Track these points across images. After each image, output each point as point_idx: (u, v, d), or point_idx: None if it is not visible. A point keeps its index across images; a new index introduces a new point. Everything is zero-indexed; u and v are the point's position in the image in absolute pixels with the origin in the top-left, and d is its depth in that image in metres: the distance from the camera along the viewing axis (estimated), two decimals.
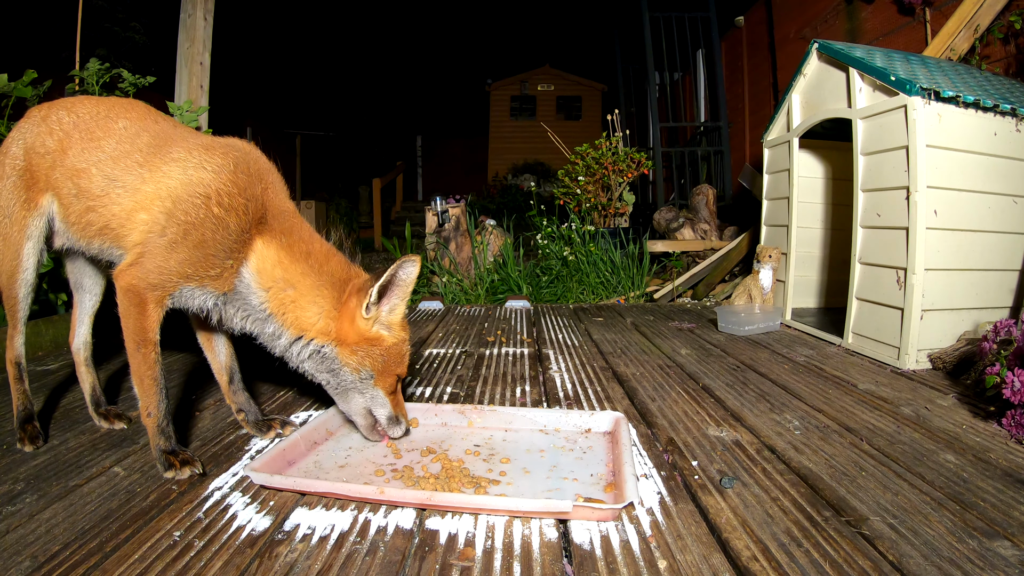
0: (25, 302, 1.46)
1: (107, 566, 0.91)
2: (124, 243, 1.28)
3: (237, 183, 1.24)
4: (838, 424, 1.56)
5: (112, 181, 1.29)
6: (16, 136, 1.45)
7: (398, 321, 1.34)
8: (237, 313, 1.32)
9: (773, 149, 3.24)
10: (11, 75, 2.54)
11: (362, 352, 1.30)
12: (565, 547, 0.97)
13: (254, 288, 1.27)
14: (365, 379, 1.32)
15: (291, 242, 1.29)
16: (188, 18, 3.64)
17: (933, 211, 2.11)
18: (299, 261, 1.28)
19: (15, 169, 1.42)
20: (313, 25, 14.53)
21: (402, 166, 13.91)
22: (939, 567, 0.91)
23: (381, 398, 1.35)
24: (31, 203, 1.41)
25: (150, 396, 1.25)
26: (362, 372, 1.31)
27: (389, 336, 1.32)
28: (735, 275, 4.39)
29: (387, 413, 1.37)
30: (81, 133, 1.37)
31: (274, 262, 1.27)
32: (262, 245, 1.27)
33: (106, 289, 1.65)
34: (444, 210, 5.10)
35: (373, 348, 1.30)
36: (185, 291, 1.25)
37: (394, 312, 1.32)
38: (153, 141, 1.33)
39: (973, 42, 3.13)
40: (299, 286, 1.27)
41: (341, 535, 1.01)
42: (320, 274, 1.29)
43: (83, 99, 1.47)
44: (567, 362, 2.31)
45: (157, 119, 1.44)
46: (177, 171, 1.24)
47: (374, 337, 1.30)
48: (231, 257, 1.24)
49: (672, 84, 8.76)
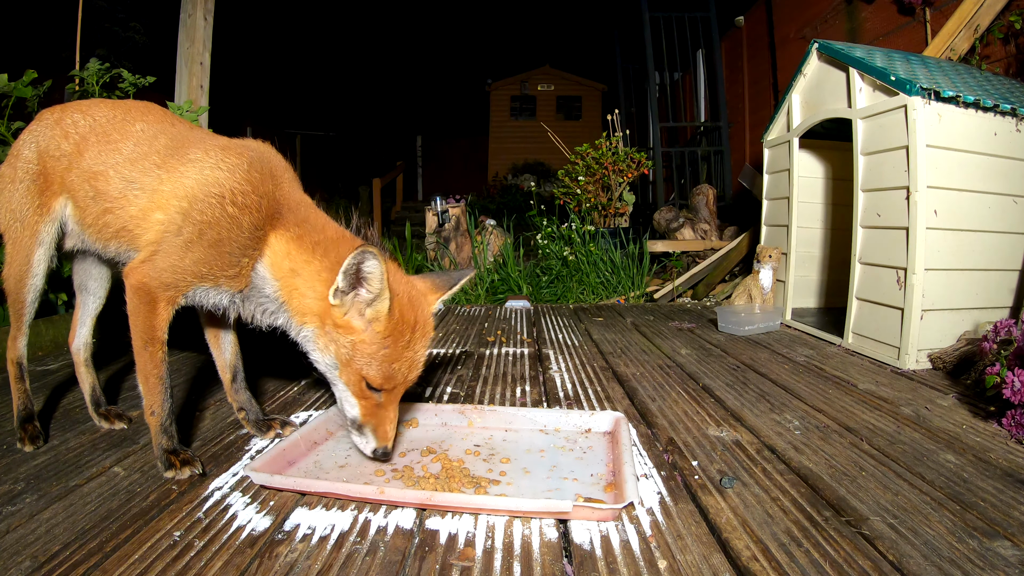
0: (32, 306, 1.46)
1: (107, 566, 0.91)
2: (139, 243, 1.27)
3: (251, 181, 1.24)
4: (838, 424, 1.56)
5: (130, 183, 1.29)
6: (28, 139, 1.44)
7: (383, 318, 1.19)
8: (256, 308, 1.31)
9: (773, 149, 3.24)
10: (11, 75, 2.54)
11: (330, 336, 1.22)
12: (565, 547, 0.97)
13: (269, 280, 1.26)
14: (329, 366, 1.25)
15: (302, 232, 1.26)
16: (188, 18, 3.64)
17: (933, 211, 2.11)
18: (306, 250, 1.25)
19: (28, 173, 1.42)
20: (313, 25, 14.53)
21: (402, 166, 13.91)
22: (939, 567, 0.91)
23: (348, 396, 1.25)
24: (44, 208, 1.41)
25: (155, 395, 1.25)
26: (326, 357, 1.24)
27: (363, 331, 1.20)
28: (735, 275, 4.39)
29: (353, 416, 1.25)
30: (98, 136, 1.36)
31: (284, 254, 1.25)
32: (275, 239, 1.26)
33: (111, 292, 1.65)
34: (444, 210, 5.10)
35: (340, 335, 1.21)
36: (199, 291, 1.25)
37: (375, 306, 1.18)
38: (171, 143, 1.33)
39: (973, 42, 3.13)
40: (303, 273, 1.24)
41: (341, 535, 1.01)
42: (325, 259, 1.24)
43: (98, 102, 1.47)
44: (567, 362, 2.31)
45: (174, 122, 1.44)
46: (194, 171, 1.24)
47: (343, 324, 1.21)
48: (246, 255, 1.23)
49: (672, 84, 8.76)
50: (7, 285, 1.46)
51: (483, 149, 16.09)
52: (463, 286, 0.96)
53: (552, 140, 6.88)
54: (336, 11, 14.36)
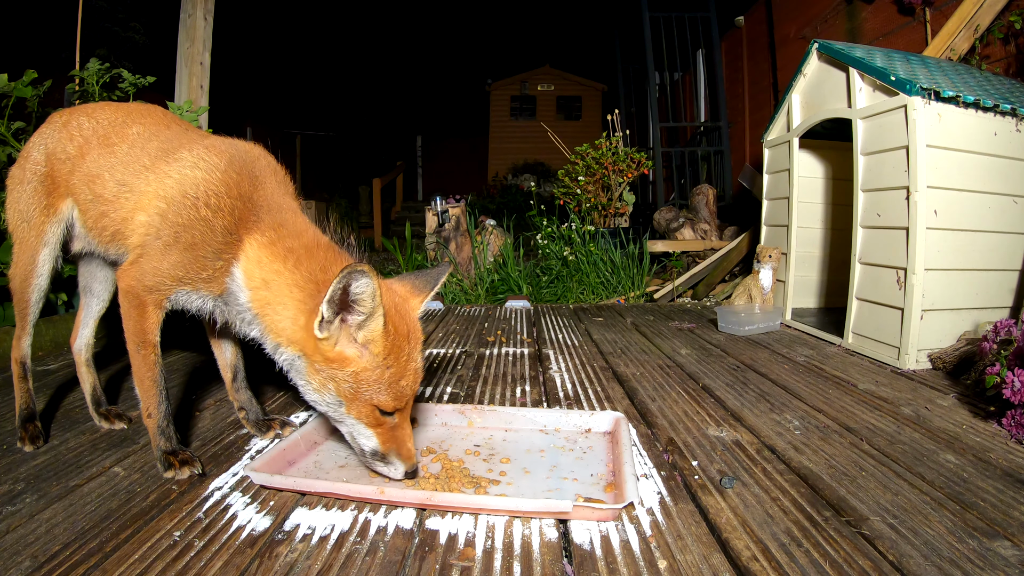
0: (36, 306, 1.48)
1: (107, 566, 0.91)
2: (128, 245, 1.27)
3: (227, 182, 1.20)
4: (838, 424, 1.56)
5: (122, 186, 1.29)
6: (38, 141, 1.46)
7: (378, 338, 1.09)
8: (235, 316, 1.26)
9: (773, 149, 3.24)
10: (11, 75, 2.54)
11: (325, 373, 1.12)
12: (565, 547, 0.97)
13: (243, 287, 1.20)
14: (332, 404, 1.15)
15: (276, 238, 1.19)
16: (188, 18, 3.64)
17: (933, 211, 2.11)
18: (277, 259, 1.16)
19: (36, 175, 1.43)
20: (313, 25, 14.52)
21: (402, 166, 13.91)
22: (939, 567, 0.91)
23: (362, 429, 1.16)
24: (51, 209, 1.41)
25: (150, 397, 1.25)
26: (326, 396, 1.14)
27: (357, 357, 1.10)
28: (735, 275, 4.39)
29: (371, 448, 1.17)
30: (99, 139, 1.37)
31: (256, 261, 1.18)
32: (249, 244, 1.19)
33: (114, 296, 1.65)
34: (444, 210, 5.10)
35: (336, 370, 1.11)
36: (180, 294, 1.24)
37: (367, 327, 1.08)
38: (162, 145, 1.32)
39: (973, 42, 3.13)
40: (273, 286, 1.16)
41: (341, 535, 1.01)
42: (296, 272, 1.15)
43: (104, 105, 1.48)
44: (567, 362, 2.31)
45: (170, 124, 1.43)
46: (175, 171, 1.23)
47: (335, 357, 1.10)
48: (220, 258, 1.18)
49: (672, 84, 8.76)
50: (12, 285, 1.47)
51: (483, 149, 16.10)
52: (443, 284, 0.90)
53: (552, 140, 6.88)
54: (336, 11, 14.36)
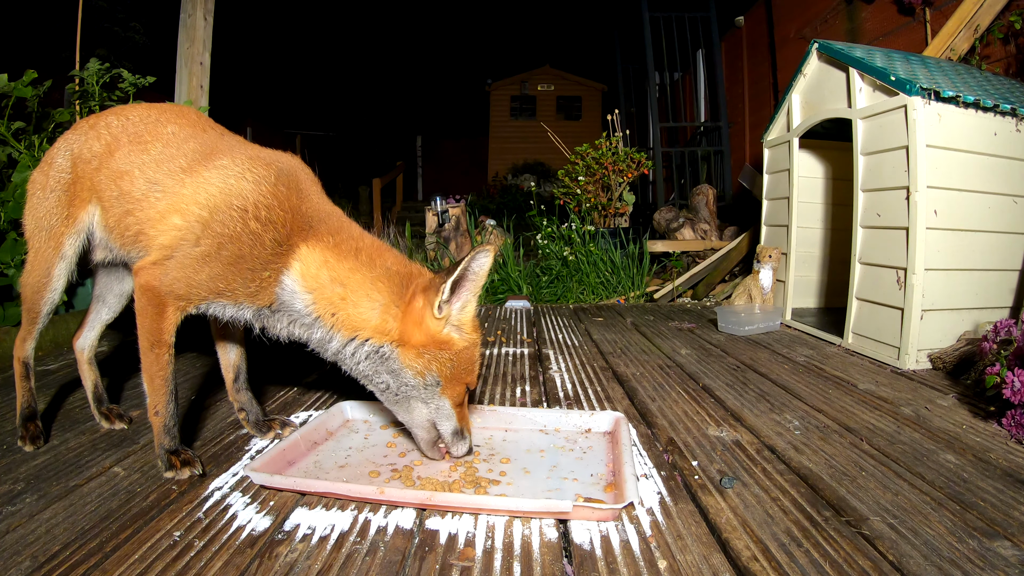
0: (46, 317, 1.47)
1: (107, 566, 0.91)
2: (153, 244, 1.24)
3: (277, 195, 1.19)
4: (838, 424, 1.56)
5: (153, 184, 1.26)
6: (63, 146, 1.44)
7: (469, 320, 1.21)
8: (282, 320, 1.25)
9: (773, 149, 3.24)
10: (11, 75, 2.54)
11: (429, 356, 1.18)
12: (565, 547, 0.97)
13: (299, 293, 1.19)
14: (431, 386, 1.20)
15: (338, 241, 1.21)
16: (188, 18, 3.64)
17: (933, 211, 2.11)
18: (347, 258, 1.20)
19: (60, 183, 1.41)
20: (313, 25, 14.53)
21: (402, 166, 13.92)
22: (939, 567, 0.91)
23: (447, 409, 1.23)
24: (71, 219, 1.40)
25: (159, 395, 1.24)
26: (427, 378, 1.19)
27: (459, 339, 1.20)
28: (735, 275, 4.39)
29: (452, 427, 1.25)
30: (129, 136, 1.36)
31: (319, 263, 1.19)
32: (307, 250, 1.20)
33: (126, 308, 1.65)
34: (444, 210, 5.11)
35: (442, 352, 1.18)
36: (214, 305, 1.22)
37: (465, 310, 1.20)
38: (200, 148, 1.30)
39: (973, 42, 3.13)
40: (348, 283, 1.18)
41: (341, 535, 1.01)
42: (372, 268, 1.20)
43: (136, 105, 1.48)
44: (567, 362, 2.31)
45: (207, 127, 1.43)
46: (218, 179, 1.20)
47: (444, 340, 1.18)
48: (268, 269, 1.18)
49: (672, 84, 8.77)
50: (24, 292, 1.46)
51: (483, 149, 16.11)
52: None
53: (552, 140, 6.88)
54: (336, 11, 14.36)
